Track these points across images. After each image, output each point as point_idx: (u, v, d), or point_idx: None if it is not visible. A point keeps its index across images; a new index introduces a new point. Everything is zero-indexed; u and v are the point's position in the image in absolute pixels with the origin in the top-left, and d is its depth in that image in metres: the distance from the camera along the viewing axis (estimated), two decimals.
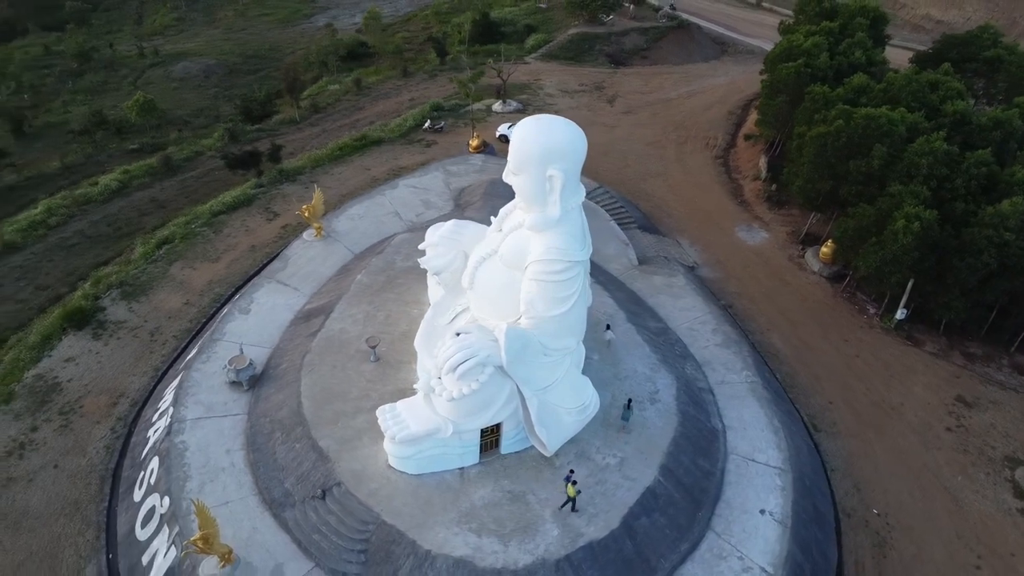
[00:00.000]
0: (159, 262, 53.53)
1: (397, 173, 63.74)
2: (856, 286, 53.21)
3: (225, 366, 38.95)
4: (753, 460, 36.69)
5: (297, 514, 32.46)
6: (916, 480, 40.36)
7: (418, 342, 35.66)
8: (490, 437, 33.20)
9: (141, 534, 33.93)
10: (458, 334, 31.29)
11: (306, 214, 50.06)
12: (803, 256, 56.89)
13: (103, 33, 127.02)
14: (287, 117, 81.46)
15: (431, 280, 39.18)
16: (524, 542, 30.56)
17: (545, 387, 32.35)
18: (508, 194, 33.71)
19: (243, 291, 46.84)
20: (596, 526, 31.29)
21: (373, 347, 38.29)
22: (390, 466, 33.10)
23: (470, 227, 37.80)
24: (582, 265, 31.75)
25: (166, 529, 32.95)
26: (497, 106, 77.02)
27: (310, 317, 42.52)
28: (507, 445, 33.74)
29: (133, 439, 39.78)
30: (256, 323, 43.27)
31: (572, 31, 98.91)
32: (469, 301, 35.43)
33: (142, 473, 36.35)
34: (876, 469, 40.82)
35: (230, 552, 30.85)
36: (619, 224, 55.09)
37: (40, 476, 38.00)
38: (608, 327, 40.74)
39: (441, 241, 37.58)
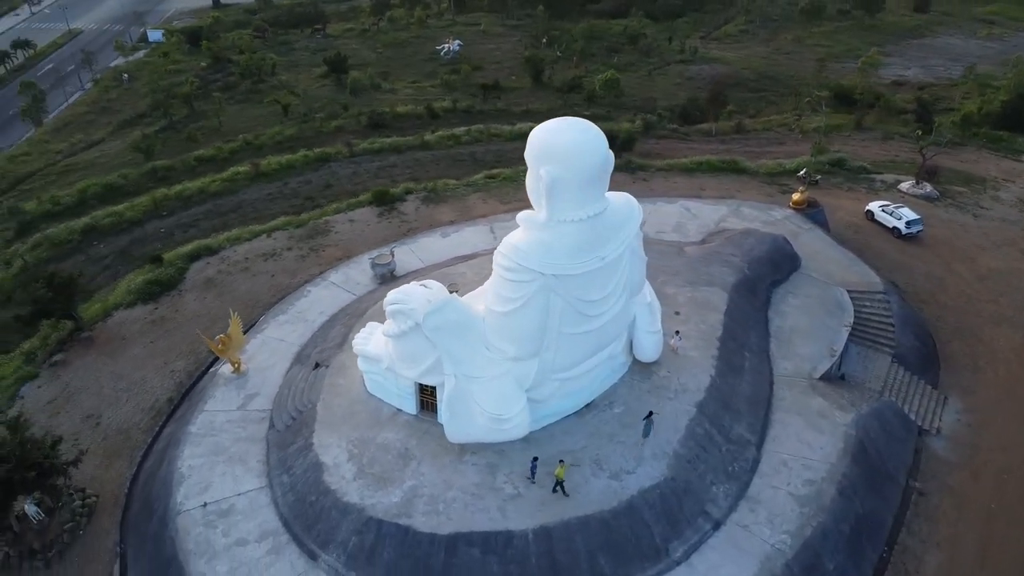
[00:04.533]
0: (471, 187, 63.55)
1: (727, 200, 61.30)
2: None
3: (372, 258, 46.78)
4: None
5: (295, 371, 39.09)
6: None
7: None
8: (428, 397, 34.28)
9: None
10: (422, 284, 33.09)
11: None
12: None
13: (685, 28, 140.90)
14: (707, 128, 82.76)
15: None
16: (368, 487, 31.81)
17: (471, 375, 31.87)
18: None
19: (460, 225, 53.54)
20: (428, 520, 30.45)
21: (453, 292, 41.39)
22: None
23: None
24: (536, 275, 29.82)
25: None
26: (905, 185, 65.57)
27: (461, 259, 47.15)
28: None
29: None
30: (440, 246, 49.98)
31: None
32: None
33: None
34: None
35: (239, 363, 39.33)
36: (868, 340, 44.73)
37: (259, 277, 51.79)
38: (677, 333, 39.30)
39: None
